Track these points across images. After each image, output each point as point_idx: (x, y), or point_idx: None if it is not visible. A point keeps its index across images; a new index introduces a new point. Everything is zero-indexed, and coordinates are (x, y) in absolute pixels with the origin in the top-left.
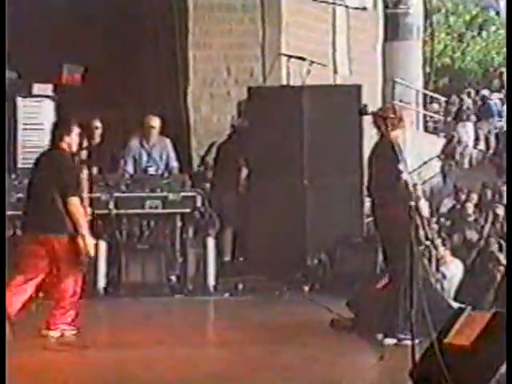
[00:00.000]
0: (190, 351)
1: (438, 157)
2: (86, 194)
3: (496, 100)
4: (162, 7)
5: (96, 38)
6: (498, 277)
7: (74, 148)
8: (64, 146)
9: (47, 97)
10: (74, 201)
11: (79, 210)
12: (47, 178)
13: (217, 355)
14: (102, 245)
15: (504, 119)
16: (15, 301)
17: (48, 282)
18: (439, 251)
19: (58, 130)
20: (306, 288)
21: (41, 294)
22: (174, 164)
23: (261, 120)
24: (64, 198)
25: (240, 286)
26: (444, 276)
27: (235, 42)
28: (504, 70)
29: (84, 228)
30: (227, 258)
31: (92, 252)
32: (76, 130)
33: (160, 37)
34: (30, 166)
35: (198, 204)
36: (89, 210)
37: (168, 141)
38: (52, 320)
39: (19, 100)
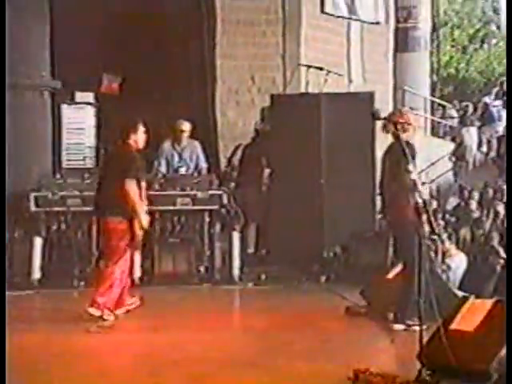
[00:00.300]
0: (217, 335)
1: (449, 159)
2: (143, 184)
3: (499, 107)
4: (193, 21)
5: (132, 50)
6: (498, 268)
7: (141, 145)
8: (130, 142)
9: (89, 104)
10: (130, 182)
11: (135, 190)
12: (111, 169)
13: (241, 339)
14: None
15: (496, 125)
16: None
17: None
18: (445, 245)
19: (125, 128)
20: (323, 278)
21: (82, 283)
22: (203, 165)
23: (282, 124)
24: (122, 180)
25: (263, 276)
26: (449, 267)
27: (259, 53)
28: (504, 79)
29: (139, 207)
30: (251, 251)
31: (146, 226)
32: (142, 129)
33: (190, 49)
34: (73, 166)
35: (225, 201)
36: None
37: (197, 143)
38: (97, 299)
39: (64, 107)
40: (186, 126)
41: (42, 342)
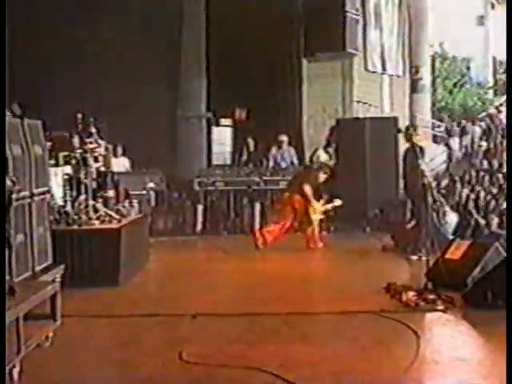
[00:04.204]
0: (307, 262)
1: (449, 158)
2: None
3: (472, 126)
4: (289, 76)
5: (254, 93)
6: (472, 222)
7: (321, 180)
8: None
9: (228, 126)
10: (306, 187)
11: (309, 191)
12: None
13: (320, 263)
14: (257, 205)
15: (469, 137)
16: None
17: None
18: (443, 208)
19: (322, 167)
20: (368, 229)
21: (225, 232)
22: (295, 161)
23: (342, 137)
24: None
25: (332, 228)
26: (446, 222)
27: (327, 94)
28: (478, 108)
29: (311, 198)
30: None
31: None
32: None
33: (288, 91)
34: (218, 163)
35: None
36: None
37: (292, 148)
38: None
39: (213, 128)
40: (285, 138)
41: (198, 261)
